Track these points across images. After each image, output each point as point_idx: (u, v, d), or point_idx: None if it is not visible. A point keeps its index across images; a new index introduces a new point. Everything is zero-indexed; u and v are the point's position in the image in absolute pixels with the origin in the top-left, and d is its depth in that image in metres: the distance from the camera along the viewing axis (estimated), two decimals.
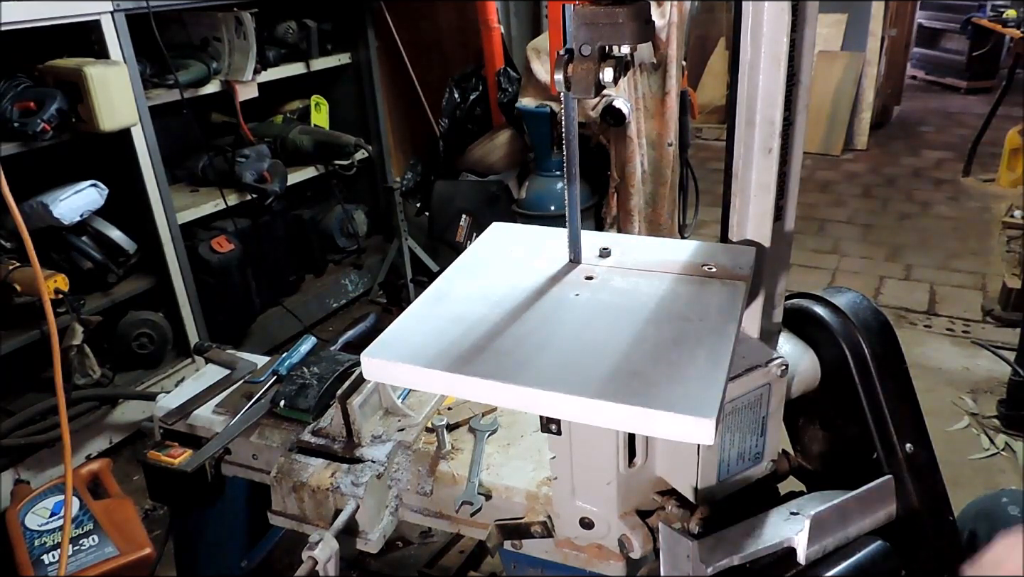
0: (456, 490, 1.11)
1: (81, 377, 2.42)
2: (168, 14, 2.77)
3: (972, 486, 2.30)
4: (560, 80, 0.76)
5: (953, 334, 3.28)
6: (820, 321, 0.99)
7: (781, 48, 0.78)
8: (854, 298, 1.01)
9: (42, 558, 1.39)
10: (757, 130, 0.83)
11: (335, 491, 1.09)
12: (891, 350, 0.98)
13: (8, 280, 2.26)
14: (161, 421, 1.35)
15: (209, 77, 2.88)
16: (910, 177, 5.36)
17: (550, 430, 0.92)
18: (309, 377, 1.29)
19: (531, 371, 0.69)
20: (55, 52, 2.38)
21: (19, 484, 1.71)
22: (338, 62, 3.55)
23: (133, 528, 1.47)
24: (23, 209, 2.06)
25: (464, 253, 0.97)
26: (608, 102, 2.89)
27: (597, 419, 0.65)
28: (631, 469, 0.92)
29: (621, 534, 0.94)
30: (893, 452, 0.96)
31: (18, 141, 2.22)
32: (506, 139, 3.56)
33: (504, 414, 1.24)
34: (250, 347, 2.64)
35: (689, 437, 0.62)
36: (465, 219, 3.51)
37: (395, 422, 1.22)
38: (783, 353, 0.92)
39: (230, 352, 1.48)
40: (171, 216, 2.71)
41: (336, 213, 3.68)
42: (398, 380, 0.74)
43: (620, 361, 0.69)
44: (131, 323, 2.70)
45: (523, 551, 1.06)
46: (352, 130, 3.51)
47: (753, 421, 0.89)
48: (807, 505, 0.89)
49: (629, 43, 0.75)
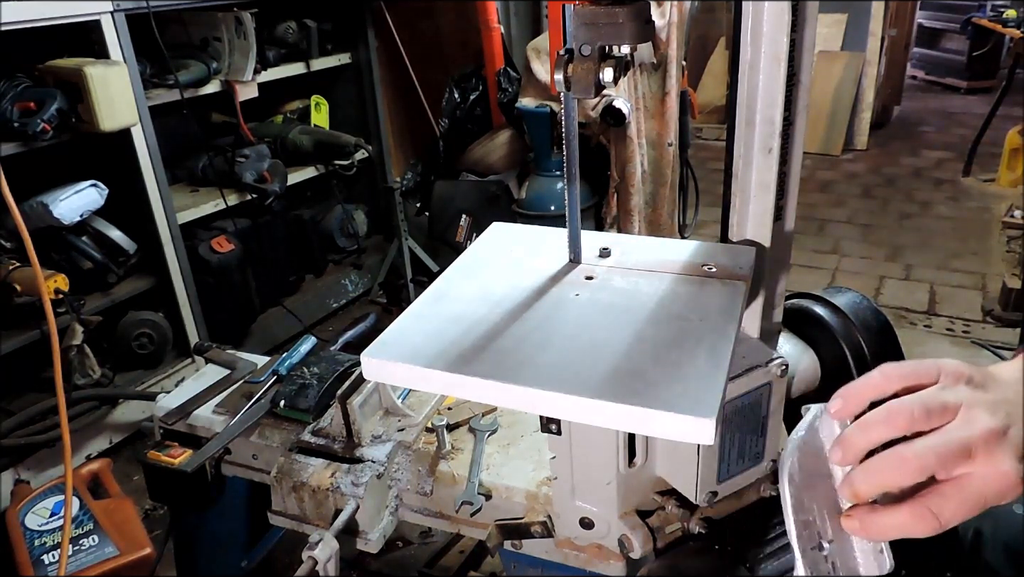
0: (456, 490, 1.11)
1: (81, 377, 2.42)
2: (168, 14, 2.77)
3: None
4: (560, 80, 0.76)
5: (953, 334, 3.28)
6: (820, 321, 0.99)
7: (781, 48, 0.78)
8: (854, 298, 1.01)
9: (42, 558, 1.39)
10: (757, 130, 0.83)
11: (335, 491, 1.09)
12: (891, 350, 0.98)
13: (8, 280, 2.26)
14: (161, 421, 1.35)
15: (209, 77, 2.88)
16: (910, 177, 5.36)
17: (550, 430, 0.92)
18: (309, 377, 1.29)
19: (531, 371, 0.69)
20: (55, 52, 2.38)
21: (19, 484, 1.71)
22: (338, 62, 3.55)
23: (133, 528, 1.47)
24: (23, 209, 2.06)
25: (464, 253, 0.96)
26: (608, 102, 2.88)
27: (597, 419, 0.65)
28: (631, 469, 0.92)
29: (621, 534, 0.94)
30: None
31: (18, 141, 2.22)
32: (506, 139, 3.56)
33: (504, 414, 1.24)
34: (250, 347, 2.64)
35: (689, 437, 0.62)
36: (465, 219, 3.51)
37: (395, 422, 1.22)
38: (783, 353, 0.92)
39: (230, 352, 1.48)
40: (171, 216, 2.71)
41: (336, 213, 3.67)
42: (398, 380, 0.74)
43: (620, 361, 0.69)
44: (131, 323, 2.70)
45: (523, 551, 1.06)
46: (352, 130, 3.51)
47: (753, 421, 0.89)
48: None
49: (629, 43, 0.75)
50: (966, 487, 0.61)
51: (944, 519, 0.60)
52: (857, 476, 0.63)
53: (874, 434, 0.63)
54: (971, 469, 0.61)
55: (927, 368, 0.66)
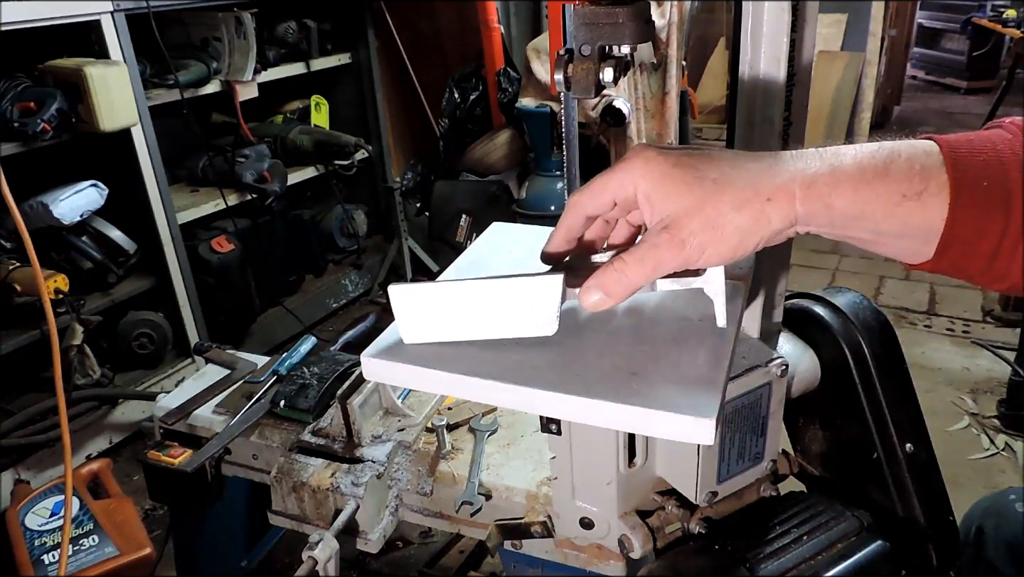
0: (456, 490, 1.11)
1: (81, 377, 2.42)
2: (168, 14, 2.77)
3: (972, 486, 2.30)
4: (560, 80, 0.76)
5: (953, 334, 3.28)
6: (820, 321, 0.99)
7: (781, 48, 0.78)
8: (854, 298, 1.01)
9: (42, 558, 1.39)
10: (757, 130, 0.83)
11: (335, 491, 1.09)
12: (891, 350, 0.98)
13: (8, 280, 2.26)
14: (161, 421, 1.35)
15: (209, 77, 2.88)
16: None
17: (550, 430, 0.92)
18: (309, 377, 1.29)
19: (531, 371, 0.69)
20: (55, 52, 2.38)
21: (19, 484, 1.71)
22: (338, 62, 3.55)
23: (133, 528, 1.47)
24: (23, 209, 2.06)
25: (464, 253, 0.96)
26: (608, 102, 2.88)
27: (597, 419, 0.65)
28: (631, 469, 0.92)
29: (621, 534, 0.94)
30: (893, 452, 0.96)
31: (18, 141, 2.22)
32: (506, 139, 3.57)
33: (504, 414, 1.24)
34: (250, 347, 2.64)
35: (689, 437, 0.62)
36: (465, 219, 3.51)
37: (395, 422, 1.22)
38: (783, 353, 0.92)
39: (230, 352, 1.48)
40: (171, 216, 2.71)
41: (336, 213, 3.67)
42: (398, 380, 0.74)
43: (620, 361, 0.69)
44: (131, 323, 2.70)
45: (523, 551, 1.06)
46: (352, 130, 3.51)
47: (753, 421, 0.89)
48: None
49: (629, 43, 0.75)
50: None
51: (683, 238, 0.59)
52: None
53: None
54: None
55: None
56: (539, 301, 0.69)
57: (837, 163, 0.58)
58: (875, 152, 0.58)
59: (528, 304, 0.69)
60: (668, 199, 0.60)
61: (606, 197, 0.65)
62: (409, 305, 0.71)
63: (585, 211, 0.68)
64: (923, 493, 0.96)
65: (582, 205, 0.67)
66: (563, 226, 0.69)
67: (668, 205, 0.60)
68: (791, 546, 0.88)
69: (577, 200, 0.67)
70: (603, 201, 0.66)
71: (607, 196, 0.65)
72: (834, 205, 0.57)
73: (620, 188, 0.63)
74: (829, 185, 0.57)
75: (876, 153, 0.58)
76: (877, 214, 0.57)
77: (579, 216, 0.68)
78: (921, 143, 0.58)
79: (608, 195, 0.65)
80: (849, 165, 0.57)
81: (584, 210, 0.68)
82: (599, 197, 0.65)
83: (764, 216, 0.58)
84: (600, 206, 0.66)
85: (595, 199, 0.66)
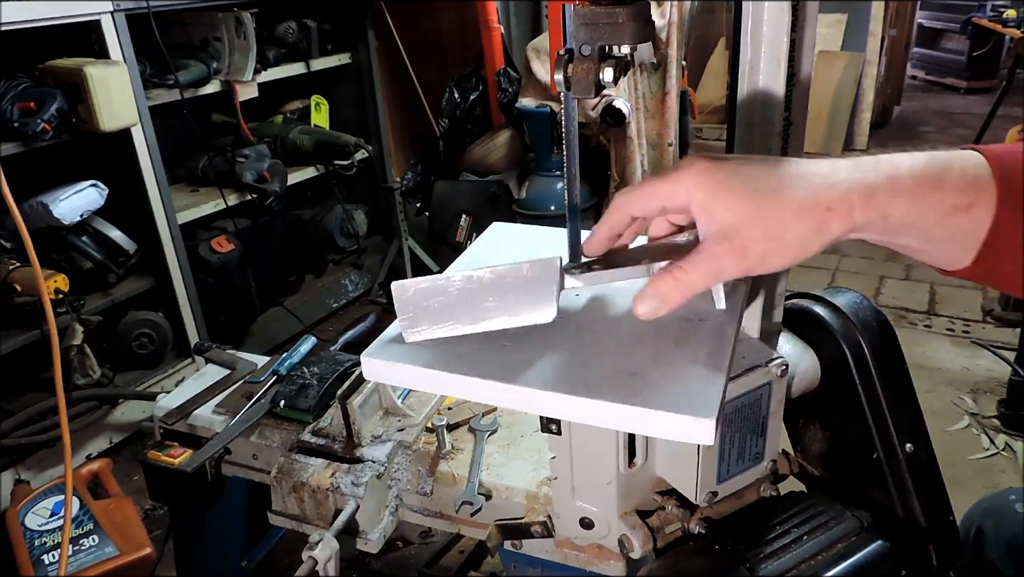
0: (456, 490, 1.11)
1: (81, 377, 2.42)
2: (168, 14, 2.77)
3: (972, 486, 2.30)
4: (560, 80, 0.76)
5: (953, 334, 3.28)
6: (820, 321, 0.99)
7: (781, 48, 0.78)
8: (854, 298, 1.01)
9: (42, 558, 1.39)
10: (757, 130, 0.83)
11: (335, 491, 1.09)
12: (891, 350, 0.98)
13: (8, 280, 2.26)
14: (161, 421, 1.35)
15: (209, 77, 2.88)
16: None
17: (550, 430, 0.92)
18: (309, 377, 1.29)
19: (531, 371, 0.69)
20: (55, 52, 2.38)
21: (19, 484, 1.71)
22: (338, 62, 3.55)
23: (133, 528, 1.47)
24: (23, 209, 2.06)
25: (464, 253, 0.96)
26: (608, 102, 2.89)
27: (597, 419, 0.65)
28: (631, 469, 0.92)
29: (621, 534, 0.94)
30: (893, 452, 0.96)
31: (18, 141, 2.22)
32: (506, 139, 3.57)
33: (504, 414, 1.24)
34: (250, 347, 2.64)
35: (689, 437, 0.62)
36: (465, 219, 3.51)
37: (395, 422, 1.22)
38: (783, 353, 0.92)
39: (230, 352, 1.48)
40: (171, 216, 2.71)
41: (336, 213, 3.67)
42: (398, 380, 0.74)
43: (620, 361, 0.69)
44: (131, 323, 2.70)
45: (523, 551, 1.06)
46: (352, 130, 3.51)
47: (753, 421, 0.89)
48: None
49: (629, 43, 0.74)
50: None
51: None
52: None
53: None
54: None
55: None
56: (538, 284, 0.70)
57: (894, 173, 0.59)
58: (928, 163, 0.59)
59: (527, 288, 0.71)
60: (727, 209, 0.61)
61: (655, 203, 0.67)
62: (411, 299, 0.71)
63: (632, 213, 0.70)
64: (923, 493, 0.96)
65: (629, 207, 0.70)
66: (606, 224, 0.72)
67: (727, 215, 0.61)
68: (791, 546, 0.88)
69: (624, 202, 0.70)
70: (652, 206, 0.68)
71: (656, 203, 0.67)
72: (891, 215, 0.58)
73: (672, 197, 0.65)
74: (887, 195, 0.58)
75: (929, 164, 0.59)
76: (929, 224, 0.59)
77: (624, 217, 0.71)
78: (969, 155, 0.60)
79: (658, 202, 0.67)
80: (905, 176, 0.59)
81: (631, 212, 0.70)
82: (648, 202, 0.68)
83: (825, 225, 0.59)
84: (647, 210, 0.69)
85: (643, 203, 0.69)
